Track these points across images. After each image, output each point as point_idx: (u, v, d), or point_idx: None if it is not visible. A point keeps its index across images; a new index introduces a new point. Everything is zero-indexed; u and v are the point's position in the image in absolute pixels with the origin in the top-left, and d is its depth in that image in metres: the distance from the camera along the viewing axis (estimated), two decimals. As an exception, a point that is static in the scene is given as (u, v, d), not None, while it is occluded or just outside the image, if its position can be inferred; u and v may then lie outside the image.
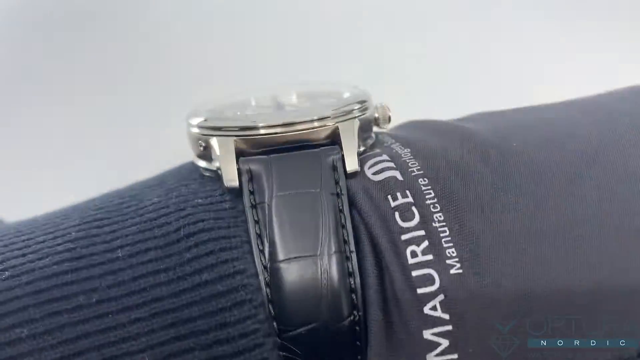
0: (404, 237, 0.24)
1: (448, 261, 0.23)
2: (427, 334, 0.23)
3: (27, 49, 0.54)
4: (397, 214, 0.24)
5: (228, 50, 0.55)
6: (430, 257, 0.23)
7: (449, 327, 0.23)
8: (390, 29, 0.55)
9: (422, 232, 0.24)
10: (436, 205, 0.24)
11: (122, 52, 0.55)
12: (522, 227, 0.24)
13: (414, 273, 0.23)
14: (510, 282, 0.23)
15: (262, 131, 0.25)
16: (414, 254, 0.23)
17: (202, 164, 0.28)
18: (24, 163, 0.52)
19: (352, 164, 0.25)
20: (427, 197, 0.24)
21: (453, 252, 0.23)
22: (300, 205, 0.24)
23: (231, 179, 0.25)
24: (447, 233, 0.24)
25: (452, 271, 0.23)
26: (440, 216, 0.24)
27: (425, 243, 0.23)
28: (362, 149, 0.27)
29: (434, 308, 0.23)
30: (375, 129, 0.29)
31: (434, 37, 0.54)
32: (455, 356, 0.24)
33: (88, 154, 0.51)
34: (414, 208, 0.24)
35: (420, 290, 0.23)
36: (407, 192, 0.24)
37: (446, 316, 0.23)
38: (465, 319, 0.23)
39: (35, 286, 0.23)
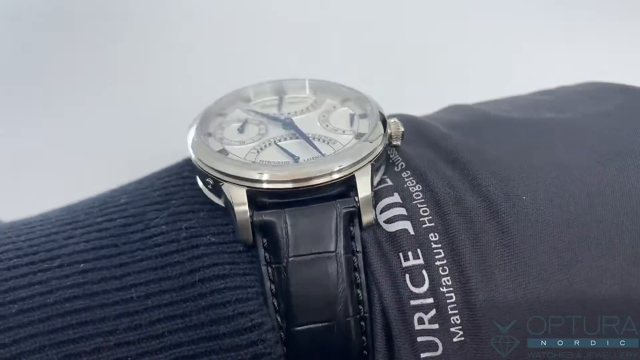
0: (413, 302, 0.24)
1: (452, 329, 0.24)
2: None
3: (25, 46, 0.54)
4: (407, 277, 0.25)
5: (227, 48, 0.55)
6: (436, 326, 0.24)
7: None
8: (386, 27, 0.55)
9: (430, 300, 0.24)
10: (445, 268, 0.24)
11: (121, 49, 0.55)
12: (526, 298, 0.24)
13: (419, 339, 0.24)
14: None
15: (278, 186, 0.25)
16: (420, 321, 0.24)
17: (209, 194, 0.27)
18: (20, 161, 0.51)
19: (368, 217, 0.25)
20: (436, 257, 0.25)
21: (457, 320, 0.24)
22: (317, 271, 0.24)
23: (245, 235, 0.25)
24: (453, 300, 0.24)
25: (455, 339, 0.24)
26: (448, 280, 0.24)
27: (433, 312, 0.24)
28: (375, 182, 0.27)
29: None
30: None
31: (427, 34, 0.54)
32: None
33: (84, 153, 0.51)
34: (424, 272, 0.25)
35: (423, 355, 0.24)
36: (419, 251, 0.25)
37: None
38: None
39: (49, 325, 0.22)
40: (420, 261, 0.24)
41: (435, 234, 0.25)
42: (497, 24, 0.55)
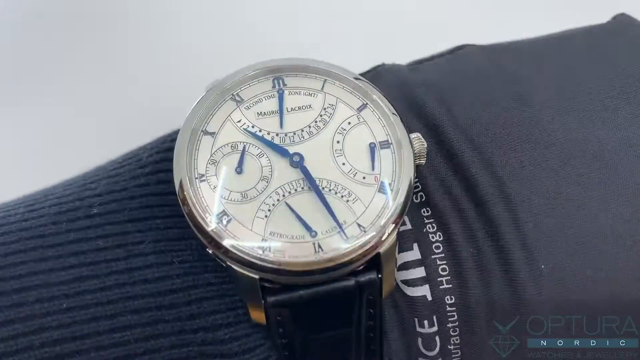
0: None
1: None
2: None
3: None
4: (420, 341, 0.25)
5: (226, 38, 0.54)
6: None
7: None
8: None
9: None
10: (455, 329, 0.25)
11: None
12: None
13: None
14: None
15: (294, 277, 0.23)
16: None
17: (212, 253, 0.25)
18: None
19: (389, 287, 0.24)
20: (449, 320, 0.25)
21: None
22: (334, 348, 0.24)
23: (258, 319, 0.24)
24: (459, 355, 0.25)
25: None
26: (457, 339, 0.25)
27: None
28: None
29: None
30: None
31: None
32: None
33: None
34: (437, 338, 0.25)
35: None
36: (434, 318, 0.25)
37: None
38: None
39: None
40: (435, 328, 0.25)
41: (452, 296, 0.25)
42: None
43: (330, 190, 0.24)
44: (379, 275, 0.23)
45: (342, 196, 0.24)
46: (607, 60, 0.29)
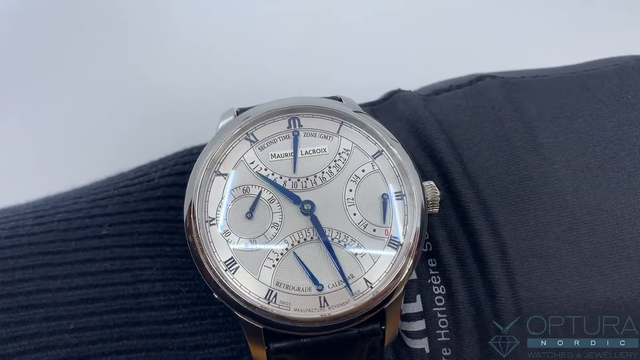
0: None
1: None
2: None
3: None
4: None
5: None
6: None
7: None
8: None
9: None
10: None
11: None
12: None
13: None
14: None
15: (299, 331, 0.23)
16: None
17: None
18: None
19: (392, 337, 0.25)
20: None
21: None
22: None
23: (259, 357, 0.24)
24: None
25: None
26: None
27: None
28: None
29: None
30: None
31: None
32: None
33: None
34: None
35: None
36: None
37: None
38: None
39: None
40: None
41: (448, 349, 0.25)
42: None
43: (339, 241, 0.24)
44: (382, 327, 0.24)
45: (351, 248, 0.24)
46: (636, 109, 0.27)
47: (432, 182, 0.25)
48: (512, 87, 0.28)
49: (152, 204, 0.26)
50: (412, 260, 0.24)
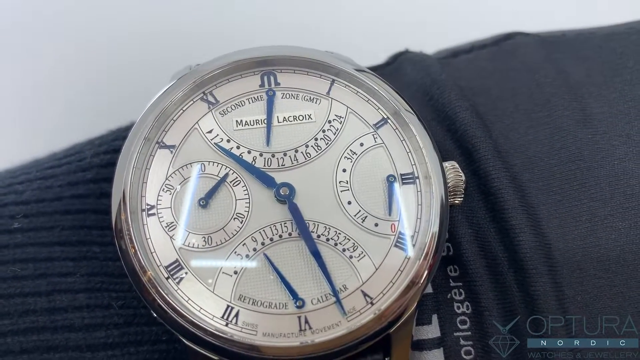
0: None
1: None
2: None
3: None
4: None
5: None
6: None
7: None
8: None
9: None
10: None
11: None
12: None
13: None
14: None
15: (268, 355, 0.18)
16: None
17: None
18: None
19: None
20: None
21: None
22: None
23: None
24: None
25: None
26: None
27: None
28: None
29: None
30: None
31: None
32: None
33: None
34: None
35: None
36: None
37: None
38: None
39: None
40: None
41: None
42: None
43: (328, 240, 0.19)
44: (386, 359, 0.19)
45: (343, 250, 0.19)
46: None
47: (454, 163, 0.20)
48: (551, 45, 0.23)
49: (81, 190, 0.20)
50: (427, 268, 0.18)
